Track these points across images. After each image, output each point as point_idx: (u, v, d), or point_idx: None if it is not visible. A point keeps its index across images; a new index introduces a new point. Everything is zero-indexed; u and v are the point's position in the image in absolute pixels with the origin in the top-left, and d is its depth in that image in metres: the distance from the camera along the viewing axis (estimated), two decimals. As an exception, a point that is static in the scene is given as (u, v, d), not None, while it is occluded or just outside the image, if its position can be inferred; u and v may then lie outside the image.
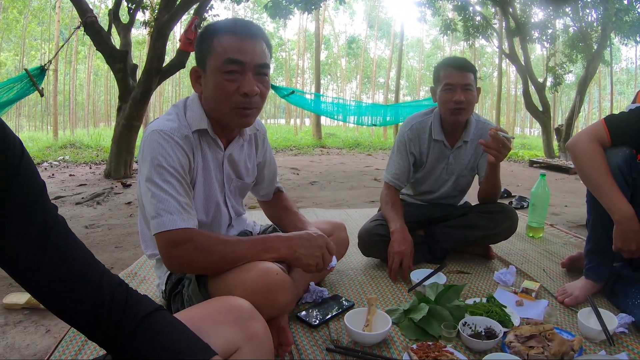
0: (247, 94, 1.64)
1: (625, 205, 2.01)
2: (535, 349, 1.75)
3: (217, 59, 1.64)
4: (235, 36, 1.64)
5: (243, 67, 1.63)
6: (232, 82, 1.64)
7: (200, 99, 1.80)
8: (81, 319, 0.88)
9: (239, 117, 1.71)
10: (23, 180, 0.81)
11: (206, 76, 1.70)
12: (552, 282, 2.61)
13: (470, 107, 2.68)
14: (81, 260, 0.89)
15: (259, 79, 1.69)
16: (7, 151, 0.78)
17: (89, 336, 0.90)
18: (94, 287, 0.89)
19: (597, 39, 12.86)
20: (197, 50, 1.73)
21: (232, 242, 1.66)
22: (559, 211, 5.02)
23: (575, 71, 19.54)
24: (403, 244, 2.55)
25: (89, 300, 0.87)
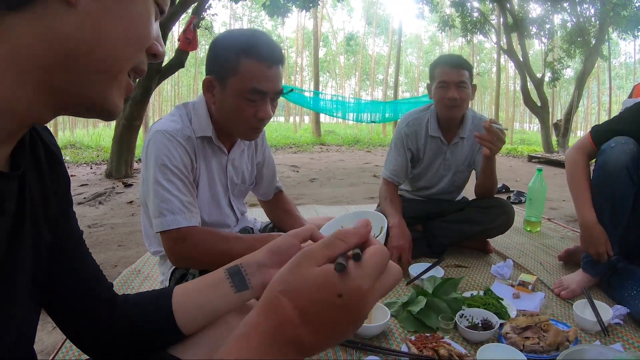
0: (264, 119, 1.72)
1: (588, 213, 2.27)
2: (531, 339, 1.78)
3: (241, 84, 1.66)
4: (263, 63, 1.65)
5: (264, 95, 1.69)
6: (251, 107, 1.69)
7: (207, 106, 1.83)
8: (94, 315, 0.91)
9: (250, 134, 1.81)
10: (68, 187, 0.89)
11: (224, 93, 1.71)
12: (548, 275, 2.65)
13: (464, 104, 2.72)
14: (95, 264, 0.95)
15: (272, 102, 1.75)
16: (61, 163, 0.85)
17: (92, 339, 0.94)
18: (106, 285, 0.95)
19: (595, 34, 12.85)
20: (215, 62, 1.73)
21: (231, 239, 1.70)
22: (557, 206, 5.05)
23: (573, 66, 19.55)
24: (402, 238, 2.59)
25: (102, 298, 0.93)
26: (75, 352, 1.82)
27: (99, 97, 0.64)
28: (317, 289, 0.53)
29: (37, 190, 0.75)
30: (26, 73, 0.57)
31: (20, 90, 0.58)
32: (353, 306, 0.53)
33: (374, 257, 0.57)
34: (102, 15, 0.60)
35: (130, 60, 0.66)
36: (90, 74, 0.62)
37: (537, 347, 1.75)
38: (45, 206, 0.78)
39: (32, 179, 0.74)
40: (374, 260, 0.56)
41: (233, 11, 33.35)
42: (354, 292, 0.53)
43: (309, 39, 38.65)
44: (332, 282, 0.53)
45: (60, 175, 0.83)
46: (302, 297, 0.54)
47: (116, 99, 0.66)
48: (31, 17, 0.55)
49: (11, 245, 0.67)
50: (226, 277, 0.95)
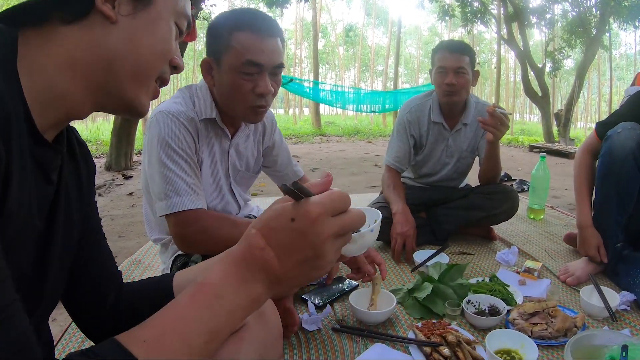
0: (263, 94, 1.64)
1: (585, 216, 2.39)
2: (539, 325, 1.76)
3: (235, 58, 1.60)
4: (254, 35, 1.59)
5: (261, 68, 1.61)
6: (249, 82, 1.62)
7: (210, 89, 1.78)
8: (101, 296, 0.96)
9: (253, 115, 1.72)
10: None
11: (220, 71, 1.67)
12: (553, 262, 2.63)
13: (463, 90, 2.68)
14: (109, 251, 1.03)
15: (273, 77, 1.68)
16: (90, 154, 0.94)
17: (94, 321, 0.98)
18: (116, 273, 1.02)
19: (595, 24, 12.82)
20: (211, 42, 1.69)
21: (240, 223, 1.67)
22: (560, 194, 5.04)
23: (574, 56, 19.51)
24: (406, 225, 2.56)
25: (113, 282, 0.99)
26: (74, 344, 1.80)
27: (131, 98, 0.77)
28: (276, 216, 0.65)
29: (72, 172, 0.85)
30: (79, 74, 0.70)
31: (73, 88, 0.70)
32: (305, 230, 0.63)
33: (327, 194, 0.66)
34: (137, 32, 0.74)
35: (157, 69, 0.79)
36: (126, 78, 0.75)
37: (546, 333, 1.73)
38: (77, 187, 0.87)
39: (68, 161, 0.83)
40: (327, 195, 0.65)
41: (231, 2, 33.21)
42: (304, 216, 0.63)
43: (308, 30, 38.62)
44: (286, 209, 0.65)
45: (90, 164, 0.93)
46: (265, 225, 0.66)
47: (145, 101, 0.80)
48: (82, 30, 0.69)
49: (50, 214, 0.76)
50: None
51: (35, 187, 0.69)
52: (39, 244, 0.73)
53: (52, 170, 0.75)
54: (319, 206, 0.63)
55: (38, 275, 0.74)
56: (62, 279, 0.84)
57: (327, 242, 0.64)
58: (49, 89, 0.68)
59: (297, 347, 1.72)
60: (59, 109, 0.70)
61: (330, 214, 0.64)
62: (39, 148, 0.68)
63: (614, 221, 2.24)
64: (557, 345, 1.70)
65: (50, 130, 0.72)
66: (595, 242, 2.30)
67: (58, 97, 0.69)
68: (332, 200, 0.65)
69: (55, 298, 0.84)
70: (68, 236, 0.82)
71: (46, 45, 0.67)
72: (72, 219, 0.84)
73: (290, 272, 0.65)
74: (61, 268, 0.82)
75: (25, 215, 0.65)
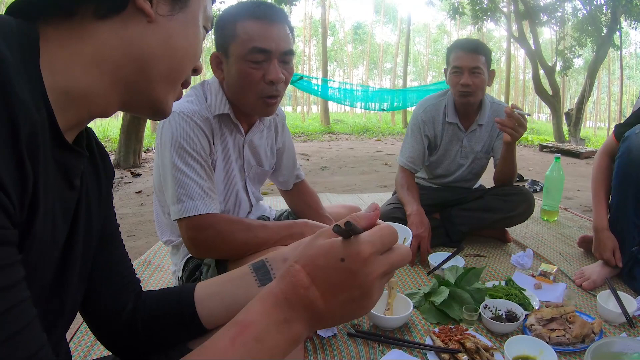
0: (274, 81, 1.61)
1: (601, 219, 2.37)
2: (557, 331, 1.74)
3: (241, 47, 1.58)
4: (259, 22, 1.58)
5: (269, 55, 1.59)
6: (258, 70, 1.60)
7: (221, 84, 1.75)
8: (118, 305, 0.93)
9: (264, 107, 1.68)
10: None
11: (229, 63, 1.64)
12: (569, 265, 2.60)
13: (478, 90, 2.65)
14: (128, 258, 1.00)
15: (283, 65, 1.64)
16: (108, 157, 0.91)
17: (111, 329, 0.95)
18: (135, 280, 1.00)
19: (606, 23, 12.74)
20: (218, 35, 1.66)
21: (255, 227, 1.64)
22: (572, 195, 5.00)
23: (584, 55, 19.41)
24: (421, 227, 2.53)
25: (131, 288, 0.97)
26: (84, 347, 1.79)
27: (160, 99, 0.75)
28: (324, 254, 0.61)
29: (91, 175, 0.83)
30: (106, 73, 0.67)
31: (99, 87, 0.67)
32: (356, 270, 0.60)
33: (378, 230, 0.63)
34: (174, 33, 0.72)
35: (187, 72, 0.78)
36: (158, 79, 0.73)
37: (564, 339, 1.71)
38: (97, 190, 0.85)
39: (89, 165, 0.81)
40: (377, 232, 0.62)
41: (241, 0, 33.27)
42: (355, 256, 0.59)
43: (316, 27, 38.65)
44: (336, 247, 0.61)
45: (108, 167, 0.90)
46: (311, 262, 0.62)
47: (171, 102, 0.79)
48: (115, 26, 0.66)
49: (74, 219, 0.75)
50: (250, 271, 0.97)
51: (59, 196, 0.67)
52: (61, 255, 0.72)
53: (75, 176, 0.73)
54: (370, 246, 0.60)
55: (58, 288, 0.72)
56: (81, 289, 0.83)
57: (375, 282, 0.61)
58: (72, 88, 0.64)
59: (313, 352, 1.70)
60: (82, 108, 0.67)
61: (380, 252, 0.62)
62: (63, 153, 0.66)
63: (632, 224, 2.21)
64: (575, 351, 1.68)
65: (72, 130, 0.70)
66: (611, 245, 2.27)
67: (81, 96, 0.66)
68: (381, 238, 0.62)
69: (75, 309, 0.82)
70: (87, 244, 0.81)
71: (72, 42, 0.63)
72: (92, 225, 0.82)
73: (334, 312, 0.62)
74: (81, 278, 0.80)
75: (50, 234, 0.63)
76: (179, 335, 0.96)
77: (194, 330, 0.95)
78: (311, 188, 2.27)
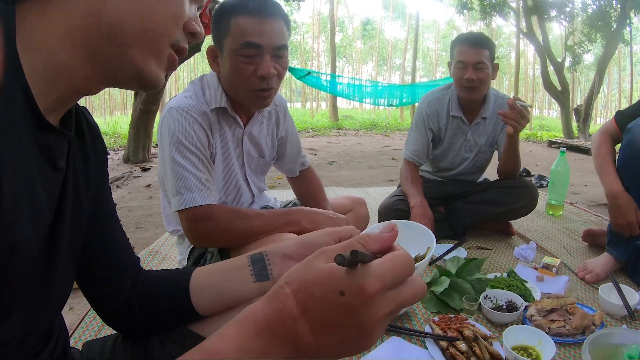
0: (265, 76, 1.62)
1: (614, 182, 2.24)
2: (557, 322, 1.75)
3: (234, 41, 1.60)
4: (252, 17, 1.59)
5: (261, 50, 1.60)
6: (249, 65, 1.62)
7: (218, 78, 1.78)
8: (116, 287, 0.93)
9: (257, 100, 1.71)
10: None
11: (223, 57, 1.68)
12: (572, 258, 2.61)
13: (483, 85, 2.66)
14: (125, 237, 0.98)
15: (277, 60, 1.66)
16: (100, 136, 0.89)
17: (110, 310, 0.96)
18: (134, 259, 0.99)
19: (616, 18, 12.59)
20: (214, 30, 1.69)
21: (252, 216, 1.67)
22: (579, 190, 4.98)
23: (594, 51, 19.25)
24: (424, 218, 2.55)
25: (129, 269, 0.96)
26: (91, 332, 1.83)
27: (140, 68, 0.69)
28: (321, 282, 0.51)
29: (79, 157, 0.80)
30: (78, 44, 0.63)
31: (75, 61, 0.63)
32: (357, 309, 0.50)
33: (391, 260, 0.53)
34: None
35: (167, 35, 0.70)
36: (131, 46, 0.66)
37: (564, 330, 1.72)
38: (86, 173, 0.82)
39: (76, 145, 0.79)
40: (389, 263, 0.52)
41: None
42: (357, 292, 0.49)
43: (325, 24, 38.54)
44: (336, 277, 0.51)
45: (99, 147, 0.88)
46: (305, 289, 0.52)
47: (157, 71, 0.71)
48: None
49: (59, 201, 0.72)
50: (248, 263, 0.92)
51: (42, 177, 0.65)
52: (47, 234, 0.69)
53: (59, 156, 0.70)
54: (377, 280, 0.50)
55: (45, 268, 0.69)
56: (71, 271, 0.81)
57: (379, 323, 0.51)
58: (49, 67, 0.62)
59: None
60: (61, 86, 0.64)
61: (389, 288, 0.51)
62: (43, 133, 0.63)
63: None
64: (575, 342, 1.69)
65: (56, 110, 0.67)
66: (634, 207, 2.17)
67: (59, 73, 0.63)
68: (393, 271, 0.52)
69: (66, 291, 0.80)
70: (76, 226, 0.78)
71: (45, 18, 0.61)
72: (81, 206, 0.80)
73: (323, 350, 0.52)
74: (71, 258, 0.78)
75: (26, 215, 0.60)
76: (173, 320, 0.96)
77: (189, 316, 0.95)
78: (317, 177, 2.29)
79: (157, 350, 0.96)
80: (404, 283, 0.53)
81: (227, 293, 0.93)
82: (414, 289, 0.54)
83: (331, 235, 0.86)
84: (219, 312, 0.96)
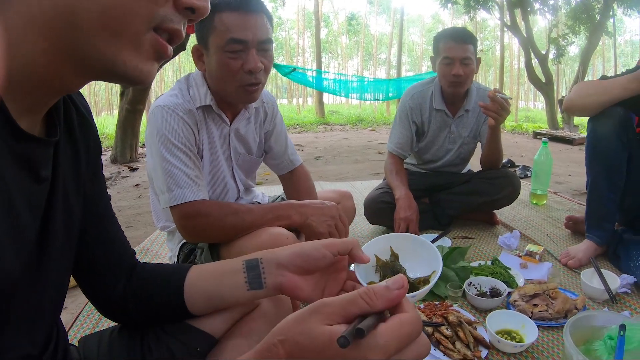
0: (252, 70, 1.64)
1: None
2: (540, 306, 1.80)
3: (219, 38, 1.62)
4: (236, 12, 1.61)
5: (246, 45, 1.62)
6: (236, 60, 1.63)
7: (204, 76, 1.81)
8: (112, 281, 0.93)
9: (245, 95, 1.72)
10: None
11: (209, 54, 1.69)
12: (555, 246, 2.66)
13: (468, 79, 2.70)
14: (120, 231, 0.97)
15: (262, 54, 1.68)
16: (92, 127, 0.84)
17: (106, 304, 0.96)
18: (129, 253, 0.98)
19: (599, 10, 12.69)
20: (198, 28, 1.71)
21: (242, 211, 1.69)
22: (563, 180, 5.05)
23: (577, 43, 19.37)
24: (409, 210, 2.59)
25: (125, 263, 0.96)
26: (86, 329, 1.85)
27: (112, 59, 0.57)
28: (319, 350, 0.47)
29: (69, 156, 0.74)
30: (44, 38, 0.54)
31: (42, 57, 0.55)
32: None
33: (398, 326, 0.48)
34: None
35: (140, 12, 0.56)
36: (98, 34, 0.55)
37: (546, 314, 1.77)
38: (76, 172, 0.77)
39: (65, 144, 0.73)
40: (396, 330, 0.48)
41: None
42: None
43: (310, 19, 38.41)
44: (335, 349, 0.45)
45: (91, 140, 0.82)
46: (299, 352, 0.48)
47: (136, 62, 0.59)
48: None
49: (47, 211, 0.66)
50: (243, 269, 0.91)
51: (22, 191, 0.60)
52: (34, 249, 0.64)
53: (42, 166, 0.64)
54: (381, 353, 0.45)
55: (34, 283, 0.65)
56: (65, 276, 0.78)
57: None
58: (14, 68, 0.54)
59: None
60: (33, 87, 0.57)
61: (392, 355, 0.47)
62: (19, 143, 0.57)
63: (607, 199, 2.28)
64: (558, 326, 1.74)
65: (33, 114, 0.61)
66: None
67: (27, 74, 0.55)
68: (399, 339, 0.47)
69: (61, 295, 0.78)
70: (68, 233, 0.75)
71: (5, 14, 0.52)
72: (73, 211, 0.76)
73: None
74: (64, 266, 0.76)
75: (5, 231, 0.55)
76: (168, 316, 0.97)
77: (183, 315, 0.96)
78: (308, 176, 2.27)
79: (153, 343, 0.96)
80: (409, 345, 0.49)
81: (219, 298, 0.93)
82: (417, 349, 0.49)
83: (328, 247, 0.84)
84: (209, 313, 0.97)
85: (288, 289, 0.87)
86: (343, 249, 0.82)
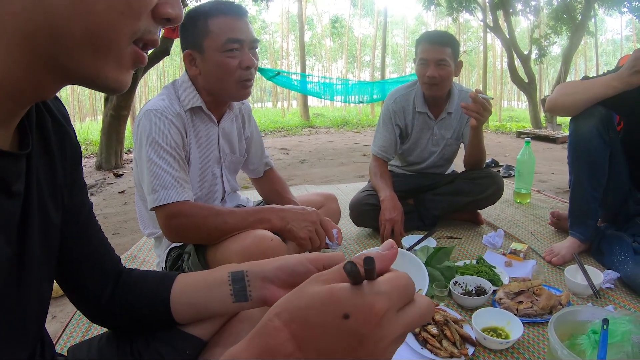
0: (249, 66, 1.78)
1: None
2: (525, 303, 1.82)
3: (216, 39, 1.74)
4: (229, 17, 1.75)
5: (242, 44, 1.77)
6: (234, 59, 1.76)
7: (191, 80, 1.88)
8: (98, 290, 0.93)
9: (243, 89, 1.84)
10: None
11: (205, 57, 1.79)
12: (539, 243, 2.69)
13: (444, 82, 2.71)
14: (104, 238, 0.96)
15: (252, 52, 1.82)
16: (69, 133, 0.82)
17: (93, 311, 0.96)
18: (114, 259, 0.98)
19: (581, 10, 12.85)
20: (189, 34, 1.80)
21: (224, 213, 1.72)
22: (546, 178, 5.10)
23: (560, 43, 19.60)
24: (394, 211, 2.60)
25: (110, 270, 0.95)
26: (76, 339, 1.84)
27: (93, 73, 0.57)
28: (318, 306, 0.44)
29: (45, 167, 0.73)
30: (17, 48, 0.52)
31: (15, 67, 0.53)
32: (365, 334, 0.42)
33: (395, 278, 0.46)
34: None
35: (124, 30, 0.56)
36: (77, 47, 0.54)
37: (531, 311, 1.79)
38: (52, 183, 0.75)
39: (40, 155, 0.71)
40: (395, 281, 0.46)
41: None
42: (366, 313, 0.42)
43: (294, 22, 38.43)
44: (338, 298, 0.43)
45: (67, 147, 0.80)
46: (299, 318, 0.44)
47: (115, 75, 0.59)
48: None
49: (21, 227, 0.65)
50: (229, 281, 0.90)
51: None
52: (10, 263, 0.62)
53: (13, 181, 0.61)
54: (386, 300, 0.43)
55: (13, 299, 0.64)
56: (45, 292, 0.76)
57: (388, 349, 0.44)
58: None
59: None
60: (4, 98, 0.55)
61: (397, 308, 0.45)
62: None
63: (591, 197, 2.31)
64: (543, 322, 1.76)
65: (1, 129, 0.59)
66: None
67: (3, 84, 0.54)
68: (399, 289, 0.45)
69: (43, 307, 0.77)
70: (47, 246, 0.73)
71: None
72: (50, 224, 0.74)
73: None
74: (46, 279, 0.75)
75: None
76: (154, 324, 0.97)
77: (170, 324, 0.96)
78: (279, 175, 2.39)
79: (142, 348, 0.96)
80: (410, 303, 0.47)
81: (204, 308, 0.94)
82: (419, 307, 0.47)
83: (312, 262, 0.82)
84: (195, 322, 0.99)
85: (272, 302, 0.84)
86: (329, 263, 0.79)
